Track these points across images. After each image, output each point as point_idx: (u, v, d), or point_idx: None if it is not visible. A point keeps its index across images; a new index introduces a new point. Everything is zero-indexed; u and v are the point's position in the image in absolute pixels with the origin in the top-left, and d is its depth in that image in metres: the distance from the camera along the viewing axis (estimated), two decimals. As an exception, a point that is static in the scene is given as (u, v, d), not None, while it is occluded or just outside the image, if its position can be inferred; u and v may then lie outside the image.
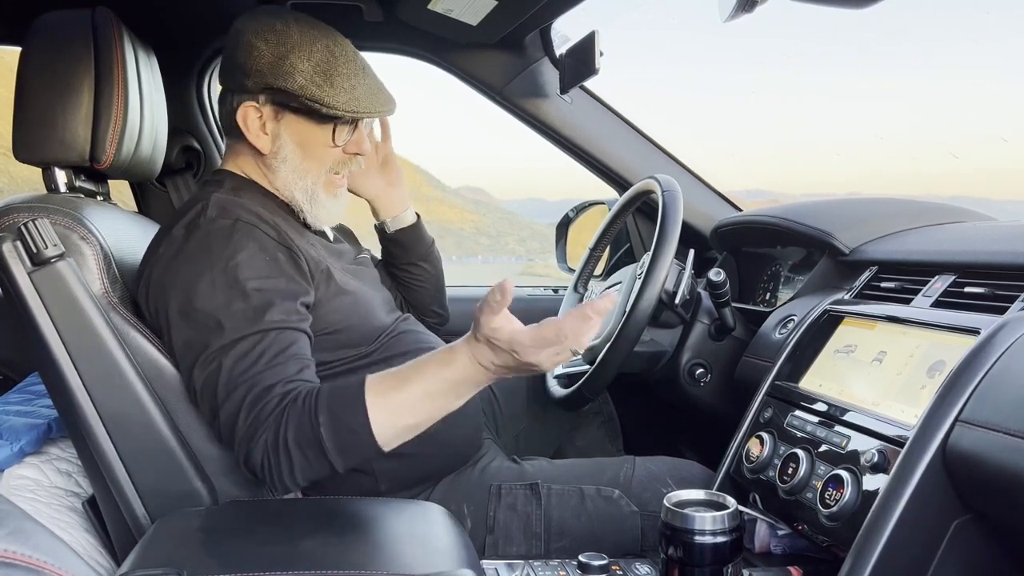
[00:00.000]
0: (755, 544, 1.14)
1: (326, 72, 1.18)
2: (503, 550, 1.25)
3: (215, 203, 1.17)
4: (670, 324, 1.52)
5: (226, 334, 1.08)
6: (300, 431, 1.03)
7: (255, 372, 1.06)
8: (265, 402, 1.05)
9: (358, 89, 1.20)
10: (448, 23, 1.63)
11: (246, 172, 1.26)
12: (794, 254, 1.66)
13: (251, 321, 1.08)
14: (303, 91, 1.17)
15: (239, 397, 1.05)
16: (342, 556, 0.93)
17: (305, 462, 1.04)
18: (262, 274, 1.12)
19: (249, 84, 1.20)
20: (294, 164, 1.23)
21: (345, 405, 1.04)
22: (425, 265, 1.52)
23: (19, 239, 1.06)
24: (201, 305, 1.09)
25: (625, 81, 25.84)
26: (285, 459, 1.03)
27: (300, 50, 1.18)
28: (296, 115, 1.21)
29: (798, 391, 1.20)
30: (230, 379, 1.06)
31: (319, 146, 1.23)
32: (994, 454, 0.85)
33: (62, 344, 1.08)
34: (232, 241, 1.13)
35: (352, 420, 1.03)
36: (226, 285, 1.10)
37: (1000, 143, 45.39)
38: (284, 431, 1.03)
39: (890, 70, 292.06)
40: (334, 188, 1.28)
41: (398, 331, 1.30)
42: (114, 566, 1.20)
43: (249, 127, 1.21)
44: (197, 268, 1.11)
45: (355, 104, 1.19)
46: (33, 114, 1.20)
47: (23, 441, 1.27)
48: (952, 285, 1.15)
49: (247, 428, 1.05)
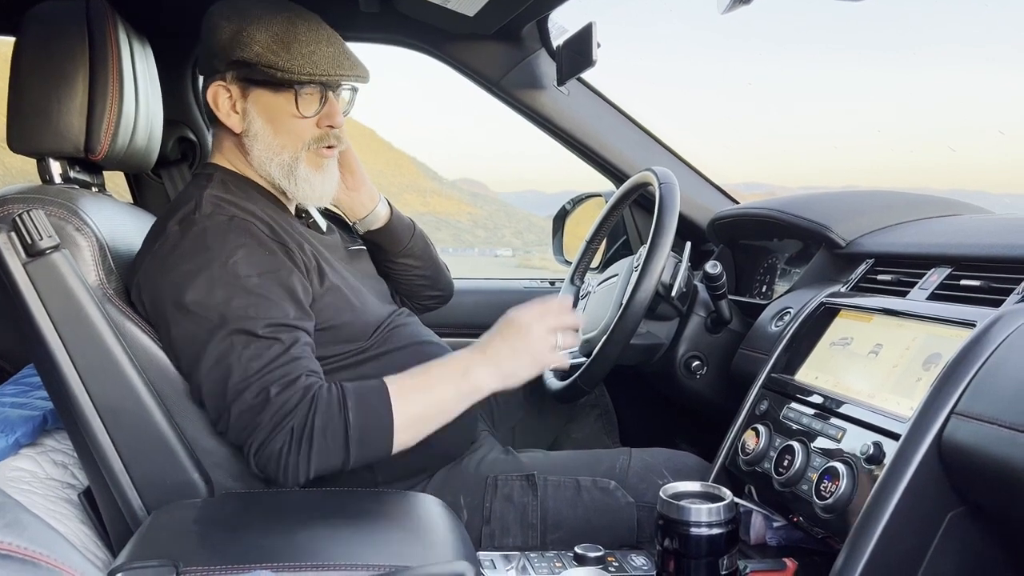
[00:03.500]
0: (751, 536, 1.14)
1: (283, 40, 1.18)
2: (499, 541, 1.26)
3: (208, 200, 1.17)
4: (666, 317, 1.52)
5: (231, 330, 1.08)
6: (328, 418, 1.07)
7: (273, 367, 1.08)
8: (291, 393, 1.07)
9: (317, 55, 1.19)
10: (445, 14, 1.62)
11: (232, 163, 1.27)
12: (791, 247, 1.66)
13: (256, 317, 1.09)
14: (260, 59, 1.17)
15: (257, 391, 1.07)
16: (338, 548, 0.93)
17: (325, 450, 1.07)
18: (262, 269, 1.13)
19: (215, 63, 1.21)
20: (267, 141, 1.23)
21: (372, 399, 1.10)
22: (408, 261, 1.49)
23: (14, 230, 1.05)
24: (201, 300, 1.09)
25: (622, 73, 25.74)
26: (307, 446, 1.06)
27: (259, 21, 1.19)
28: (261, 88, 1.21)
29: (794, 383, 1.20)
30: (245, 376, 1.08)
31: (287, 117, 1.22)
32: (989, 446, 0.85)
33: (57, 336, 1.08)
34: (229, 237, 1.13)
35: (379, 414, 1.09)
36: (226, 281, 1.10)
37: (997, 136, 45.06)
38: (312, 417, 1.06)
39: (888, 62, 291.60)
40: (319, 161, 1.26)
41: (394, 325, 1.30)
42: (110, 558, 1.20)
43: (219, 107, 1.22)
44: (195, 264, 1.11)
45: (312, 68, 1.18)
46: (27, 105, 1.20)
47: (19, 433, 1.27)
48: (948, 278, 1.15)
49: (272, 418, 1.06)
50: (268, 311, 1.11)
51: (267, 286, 1.12)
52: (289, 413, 1.07)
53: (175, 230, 1.15)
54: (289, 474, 1.07)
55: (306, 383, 1.09)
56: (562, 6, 1.65)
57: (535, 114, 1.86)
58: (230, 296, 1.10)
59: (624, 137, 1.91)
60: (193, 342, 1.10)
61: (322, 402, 1.08)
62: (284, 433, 1.06)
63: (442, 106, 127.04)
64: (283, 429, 1.06)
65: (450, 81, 1.95)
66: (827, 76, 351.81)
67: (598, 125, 1.89)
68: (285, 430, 1.06)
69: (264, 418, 1.07)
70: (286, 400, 1.07)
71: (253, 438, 1.08)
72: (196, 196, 1.19)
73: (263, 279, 1.12)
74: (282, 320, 1.12)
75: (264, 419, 1.07)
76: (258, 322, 1.09)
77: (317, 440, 1.06)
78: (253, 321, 1.09)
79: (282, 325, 1.11)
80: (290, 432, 1.06)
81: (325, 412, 1.07)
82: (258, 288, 1.11)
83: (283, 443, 1.06)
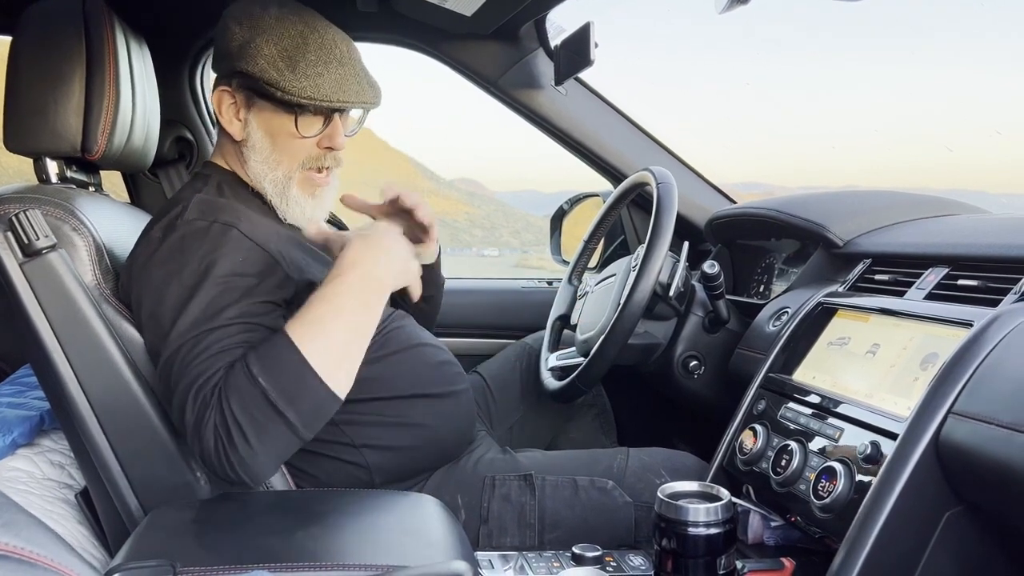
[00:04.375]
0: (748, 536, 1.14)
1: (290, 57, 1.16)
2: (497, 541, 1.26)
3: (196, 203, 1.15)
4: (664, 316, 1.52)
5: (181, 330, 1.04)
6: (240, 394, 0.99)
7: (200, 362, 1.02)
8: (208, 387, 1.01)
9: (324, 77, 1.16)
10: (442, 13, 1.62)
11: (229, 164, 1.26)
12: (788, 246, 1.66)
13: (207, 318, 1.05)
14: (263, 74, 1.15)
15: (185, 388, 1.02)
16: (336, 548, 0.93)
17: (257, 425, 0.99)
18: (232, 271, 1.09)
19: (223, 67, 1.20)
20: (264, 154, 1.22)
21: (273, 348, 1.02)
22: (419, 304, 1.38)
23: (10, 230, 1.05)
24: (167, 305, 1.06)
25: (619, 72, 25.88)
26: (236, 431, 0.98)
27: (269, 34, 1.16)
28: (264, 102, 1.19)
29: (791, 383, 1.20)
30: (180, 372, 1.03)
31: (286, 136, 1.21)
32: (986, 446, 0.85)
33: (54, 336, 1.07)
34: (205, 242, 1.10)
35: (287, 359, 1.01)
36: (192, 285, 1.06)
37: (996, 136, 44.91)
38: (227, 403, 0.99)
39: (885, 62, 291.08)
40: (311, 187, 1.24)
41: (391, 328, 1.29)
42: (107, 558, 1.20)
43: (222, 112, 1.22)
44: (167, 271, 1.08)
45: (315, 92, 1.15)
46: (24, 104, 1.19)
47: (15, 433, 1.27)
48: (945, 278, 1.15)
49: (195, 417, 1.00)
50: (219, 313, 1.05)
51: (227, 290, 1.07)
52: (207, 407, 1.00)
53: (157, 236, 1.13)
54: (240, 469, 1.00)
55: (216, 377, 1.02)
56: (560, 6, 1.66)
57: (533, 114, 1.86)
58: (190, 297, 1.05)
59: (622, 137, 1.91)
60: (155, 345, 1.08)
61: (231, 385, 1.00)
62: (210, 429, 1.00)
63: (440, 106, 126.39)
64: (207, 425, 1.00)
65: (448, 81, 1.94)
66: (825, 76, 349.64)
67: (596, 125, 1.89)
68: (209, 425, 1.00)
69: (188, 422, 1.01)
70: (203, 397, 1.01)
71: (191, 442, 1.02)
72: (186, 200, 1.17)
73: (227, 281, 1.08)
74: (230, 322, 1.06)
75: (189, 423, 1.01)
76: (204, 324, 1.04)
77: (243, 420, 0.99)
78: (201, 322, 1.04)
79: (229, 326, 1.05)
80: (214, 428, 0.99)
81: (236, 391, 0.99)
82: (216, 291, 1.06)
83: (214, 438, 0.99)
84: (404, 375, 1.27)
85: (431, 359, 1.31)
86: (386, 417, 1.25)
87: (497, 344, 1.88)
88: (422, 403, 1.28)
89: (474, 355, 1.84)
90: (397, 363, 1.26)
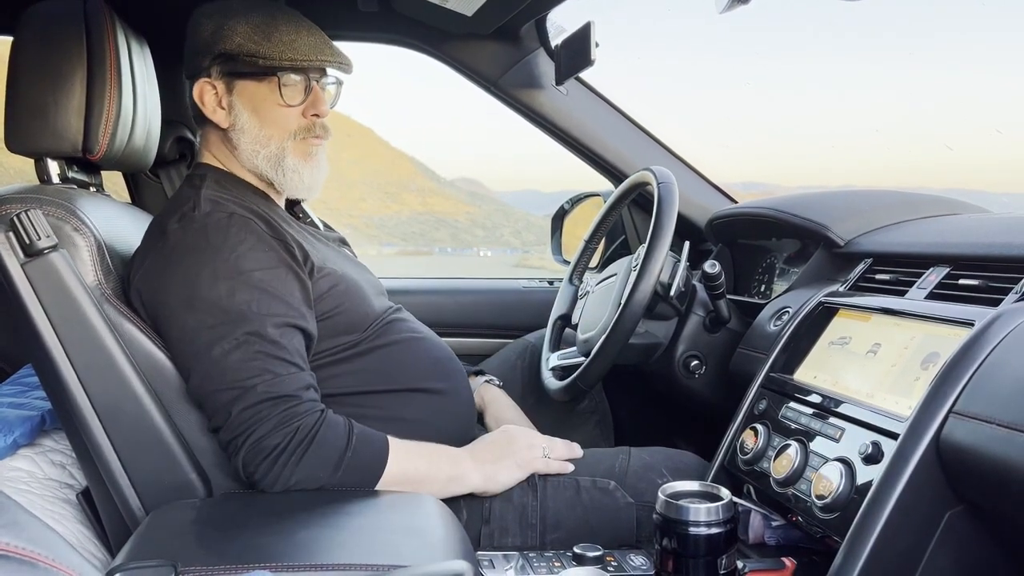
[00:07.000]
0: (749, 535, 1.14)
1: (264, 30, 1.21)
2: (499, 541, 1.26)
3: (206, 199, 1.18)
4: (665, 316, 1.52)
5: (236, 325, 1.09)
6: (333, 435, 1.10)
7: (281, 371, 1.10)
8: (302, 399, 1.10)
9: (298, 42, 1.21)
10: (443, 13, 1.62)
11: (221, 161, 1.28)
12: (789, 246, 1.66)
13: (261, 314, 1.10)
14: (241, 48, 1.19)
15: (264, 391, 1.08)
16: (337, 548, 0.93)
17: (316, 461, 1.08)
18: (264, 265, 1.14)
19: (199, 61, 1.23)
20: (253, 133, 1.24)
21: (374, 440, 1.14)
22: None
23: (11, 230, 1.05)
24: (206, 296, 1.10)
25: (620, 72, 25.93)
26: (303, 451, 1.07)
27: (239, 15, 1.21)
28: (244, 80, 1.22)
29: (792, 383, 1.20)
30: (251, 374, 1.09)
31: (272, 107, 1.23)
32: (987, 446, 0.85)
33: (55, 336, 1.08)
34: (230, 234, 1.14)
35: (376, 452, 1.13)
36: (230, 277, 1.11)
37: (995, 135, 44.89)
38: (319, 427, 1.09)
39: (885, 61, 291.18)
40: (307, 150, 1.27)
41: (389, 319, 1.31)
42: (108, 558, 1.20)
43: (206, 103, 1.24)
44: (197, 260, 1.12)
45: (294, 54, 1.20)
46: (25, 104, 1.19)
47: (17, 433, 1.27)
48: (947, 277, 1.15)
49: (279, 417, 1.07)
50: (272, 308, 1.11)
51: (270, 282, 1.13)
52: (299, 416, 1.08)
53: (175, 228, 1.15)
54: (273, 473, 1.07)
55: (316, 396, 1.12)
56: (560, 6, 1.66)
57: (533, 114, 1.86)
58: (234, 291, 1.10)
59: (622, 136, 1.91)
60: (195, 338, 1.10)
61: (331, 418, 1.11)
62: (287, 433, 1.07)
63: (440, 106, 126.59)
64: (286, 429, 1.07)
65: (449, 81, 1.95)
66: (825, 75, 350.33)
67: (596, 124, 1.89)
68: (289, 430, 1.07)
69: (271, 416, 1.07)
70: (296, 404, 1.09)
71: (251, 433, 1.07)
72: (193, 196, 1.19)
73: (266, 275, 1.13)
74: (286, 318, 1.12)
75: (270, 417, 1.07)
76: (265, 319, 1.10)
77: (315, 448, 1.08)
78: (259, 318, 1.10)
79: (286, 324, 1.12)
80: (293, 432, 1.07)
81: (332, 428, 1.10)
82: (261, 284, 1.12)
83: (282, 441, 1.07)
84: (402, 368, 1.28)
85: (429, 353, 1.33)
86: (384, 412, 1.25)
87: (498, 344, 1.88)
88: (420, 398, 1.29)
89: (474, 355, 1.84)
90: (395, 354, 1.27)
